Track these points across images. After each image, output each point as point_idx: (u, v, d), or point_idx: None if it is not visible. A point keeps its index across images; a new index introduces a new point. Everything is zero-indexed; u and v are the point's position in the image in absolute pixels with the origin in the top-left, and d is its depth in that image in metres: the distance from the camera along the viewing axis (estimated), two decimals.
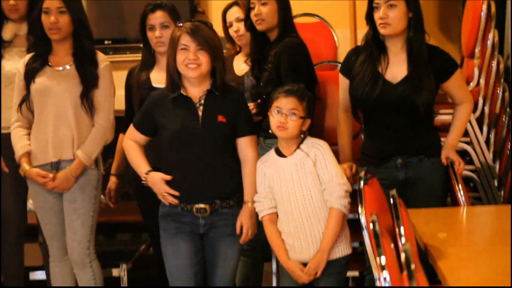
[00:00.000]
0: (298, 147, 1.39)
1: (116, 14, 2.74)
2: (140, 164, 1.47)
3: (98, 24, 2.49)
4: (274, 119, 1.37)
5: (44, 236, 1.71)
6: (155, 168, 1.45)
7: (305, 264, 1.37)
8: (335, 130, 1.67)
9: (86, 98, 1.62)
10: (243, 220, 1.42)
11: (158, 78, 1.68)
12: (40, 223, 1.70)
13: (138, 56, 1.88)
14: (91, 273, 1.66)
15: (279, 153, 1.41)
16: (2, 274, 1.86)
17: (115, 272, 1.95)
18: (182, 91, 1.42)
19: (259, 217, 1.43)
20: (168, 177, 1.41)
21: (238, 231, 1.42)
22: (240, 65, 1.89)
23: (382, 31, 1.48)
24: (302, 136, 1.40)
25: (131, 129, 1.51)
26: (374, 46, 1.52)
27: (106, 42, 2.64)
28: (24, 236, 1.88)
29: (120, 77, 1.81)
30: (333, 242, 1.35)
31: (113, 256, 1.94)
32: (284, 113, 1.35)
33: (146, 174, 1.43)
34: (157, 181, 1.41)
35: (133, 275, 2.03)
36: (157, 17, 1.68)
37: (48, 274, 1.83)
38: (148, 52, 1.74)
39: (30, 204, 1.83)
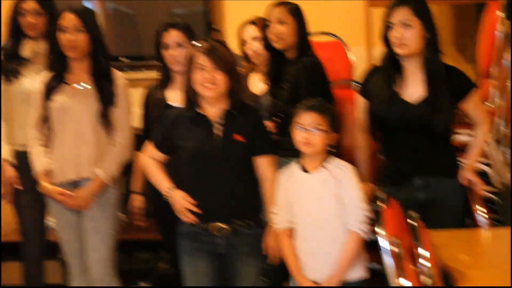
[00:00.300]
0: (322, 164, 1.38)
1: (132, 31, 2.76)
2: (161, 180, 1.48)
3: (113, 41, 2.49)
4: (298, 136, 1.37)
5: (64, 254, 1.72)
6: None
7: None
8: (351, 148, 1.66)
9: (104, 116, 1.64)
10: (269, 243, 1.42)
11: (173, 97, 1.70)
12: (60, 241, 1.71)
13: (154, 74, 1.90)
14: None
15: (302, 168, 1.40)
16: None
17: None
18: (199, 110, 1.44)
19: (275, 229, 1.42)
20: (190, 200, 1.41)
21: (264, 252, 1.42)
22: (256, 83, 1.90)
23: (398, 51, 1.48)
24: (328, 151, 1.40)
25: (149, 147, 1.52)
26: (390, 66, 1.53)
27: (122, 59, 2.65)
28: (44, 253, 1.87)
29: (136, 95, 1.82)
30: (348, 265, 1.34)
31: (133, 274, 1.92)
32: (307, 129, 1.35)
33: (169, 189, 1.44)
34: (179, 197, 1.42)
35: None
36: (172, 36, 1.72)
37: None
38: (163, 71, 1.77)
39: (49, 221, 1.84)
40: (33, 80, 1.76)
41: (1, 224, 2.01)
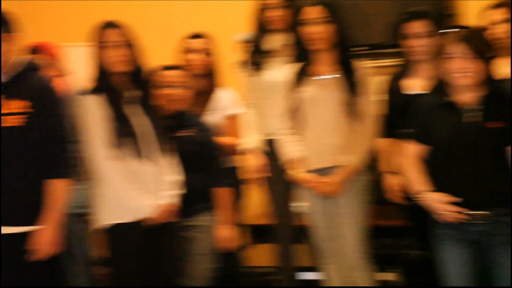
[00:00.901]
0: None
1: (361, 19, 2.61)
2: (415, 181, 1.50)
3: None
4: None
5: (315, 238, 1.81)
6: None
7: None
8: None
9: (350, 104, 1.69)
10: None
11: (414, 85, 1.71)
12: (311, 226, 1.81)
13: (386, 62, 1.92)
14: (364, 275, 1.70)
15: None
16: (277, 274, 2.04)
17: (386, 276, 1.97)
18: (450, 98, 1.44)
19: None
20: (449, 199, 1.41)
21: None
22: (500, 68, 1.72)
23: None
24: None
25: (406, 143, 1.53)
26: None
27: (359, 48, 2.43)
28: (295, 236, 2.02)
29: (374, 83, 1.81)
30: None
31: (382, 259, 1.95)
32: None
33: (423, 192, 1.46)
34: (437, 200, 1.43)
35: (403, 280, 2.03)
36: (415, 26, 1.69)
37: (319, 275, 1.92)
38: (402, 59, 1.78)
39: (298, 207, 1.95)
40: (279, 72, 1.88)
41: (253, 209, 2.25)
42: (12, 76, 1.39)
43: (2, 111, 1.35)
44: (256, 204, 2.23)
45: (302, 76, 1.75)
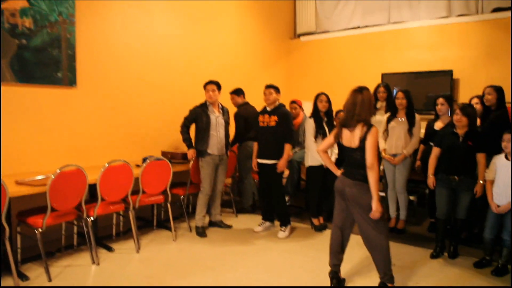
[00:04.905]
0: None
1: (416, 97, 5.54)
2: (432, 166, 3.81)
3: None
4: None
5: (388, 179, 4.43)
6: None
7: None
8: None
9: (409, 130, 4.23)
10: None
11: (438, 125, 4.25)
12: (385, 176, 4.41)
13: (424, 116, 4.39)
14: (403, 196, 4.32)
15: None
16: None
17: (412, 197, 4.48)
18: (455, 130, 3.69)
19: None
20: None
21: None
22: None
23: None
24: None
25: (434, 148, 4.12)
26: None
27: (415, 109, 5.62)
28: None
29: (418, 123, 4.34)
30: None
31: (410, 191, 4.57)
32: None
33: (430, 172, 3.84)
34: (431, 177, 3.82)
35: (418, 200, 4.60)
36: (440, 101, 4.41)
37: (384, 195, 4.51)
38: (434, 114, 4.25)
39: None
40: (381, 116, 4.56)
41: None
42: (273, 108, 4.31)
43: (270, 120, 4.32)
44: None
45: (391, 118, 4.32)
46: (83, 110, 4.30)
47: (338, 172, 2.96)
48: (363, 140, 2.68)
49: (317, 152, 3.04)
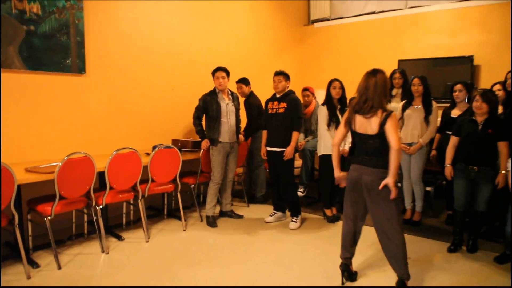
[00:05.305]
0: None
1: (432, 83, 5.29)
2: (449, 156, 3.65)
3: None
4: None
5: (402, 168, 4.26)
6: None
7: None
8: None
9: (425, 118, 4.06)
10: None
11: (454, 113, 4.03)
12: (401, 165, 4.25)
13: (442, 104, 4.20)
14: (418, 187, 4.16)
15: None
16: None
17: (428, 189, 4.32)
18: (474, 118, 3.52)
19: None
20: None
21: None
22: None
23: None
24: None
25: (452, 136, 3.84)
26: None
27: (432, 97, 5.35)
28: None
29: (436, 111, 4.15)
30: None
31: (427, 182, 4.37)
32: None
33: (448, 162, 3.69)
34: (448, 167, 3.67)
35: (436, 191, 4.42)
36: (457, 87, 4.16)
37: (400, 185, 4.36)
38: (450, 101, 4.05)
39: None
40: (397, 103, 4.39)
41: None
42: (283, 94, 4.18)
43: (279, 107, 4.20)
44: None
45: (406, 105, 4.15)
46: (93, 97, 4.25)
47: (339, 173, 2.87)
48: (382, 126, 2.54)
49: (332, 146, 2.90)
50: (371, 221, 2.75)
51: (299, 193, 4.97)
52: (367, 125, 2.62)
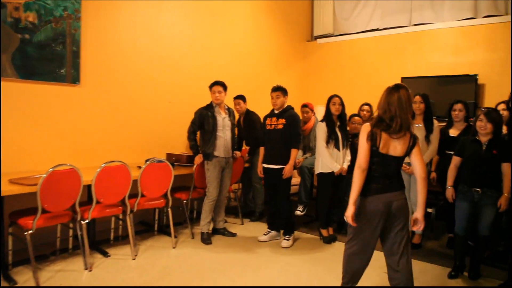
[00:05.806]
0: None
1: (434, 101, 5.05)
2: (451, 178, 3.49)
3: None
4: None
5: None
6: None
7: None
8: None
9: (426, 137, 3.90)
10: None
11: (452, 132, 3.87)
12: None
13: (441, 122, 4.07)
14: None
15: None
16: None
17: (430, 210, 4.11)
18: (477, 138, 3.34)
19: None
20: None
21: None
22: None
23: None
24: None
25: (454, 156, 3.51)
26: None
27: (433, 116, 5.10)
28: None
29: (437, 129, 4.01)
30: None
31: (429, 203, 4.14)
32: None
33: (449, 184, 3.51)
34: (449, 190, 3.50)
35: (437, 213, 4.20)
36: (456, 107, 4.03)
37: None
38: (449, 120, 3.91)
39: None
40: None
41: None
42: (281, 110, 4.06)
43: (278, 123, 4.07)
44: None
45: None
46: (86, 108, 4.17)
47: (353, 210, 2.38)
48: (410, 149, 2.40)
49: (356, 171, 2.38)
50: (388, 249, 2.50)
51: (298, 212, 4.81)
52: (390, 145, 2.38)
